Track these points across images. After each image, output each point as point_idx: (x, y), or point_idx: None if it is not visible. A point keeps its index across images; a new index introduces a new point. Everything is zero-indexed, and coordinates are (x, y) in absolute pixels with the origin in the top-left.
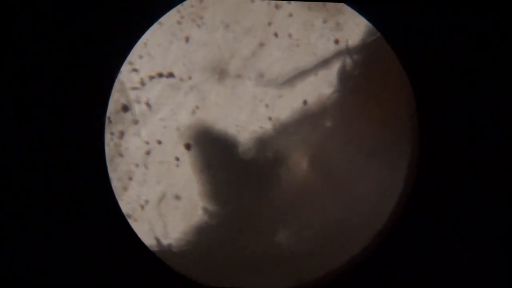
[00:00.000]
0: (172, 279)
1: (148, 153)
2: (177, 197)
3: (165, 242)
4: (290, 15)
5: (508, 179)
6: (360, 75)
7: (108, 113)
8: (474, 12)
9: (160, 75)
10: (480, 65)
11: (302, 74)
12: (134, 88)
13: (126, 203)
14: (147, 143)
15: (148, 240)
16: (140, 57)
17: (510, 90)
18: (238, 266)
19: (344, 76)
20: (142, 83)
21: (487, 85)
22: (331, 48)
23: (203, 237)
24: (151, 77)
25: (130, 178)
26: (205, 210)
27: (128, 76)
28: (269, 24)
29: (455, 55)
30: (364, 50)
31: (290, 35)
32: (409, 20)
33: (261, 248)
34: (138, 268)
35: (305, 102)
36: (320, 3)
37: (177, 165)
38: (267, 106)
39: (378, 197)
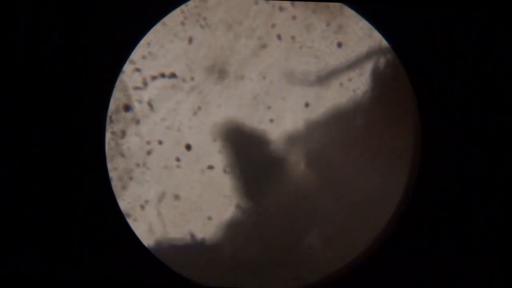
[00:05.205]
0: (170, 279)
1: (149, 153)
2: (177, 197)
3: (164, 242)
4: (294, 17)
5: (510, 190)
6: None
7: (109, 112)
8: (476, 12)
9: (163, 75)
10: (485, 68)
11: (335, 73)
12: (136, 88)
13: (126, 203)
14: (148, 143)
15: (147, 240)
16: (143, 57)
17: None
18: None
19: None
20: (144, 83)
21: (492, 91)
22: (334, 51)
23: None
24: (154, 77)
25: (131, 178)
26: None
27: (130, 75)
28: (272, 26)
29: (458, 57)
30: (368, 57)
31: (293, 38)
32: (410, 21)
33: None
34: (136, 268)
35: (306, 105)
36: (324, 6)
37: (178, 166)
38: (269, 107)
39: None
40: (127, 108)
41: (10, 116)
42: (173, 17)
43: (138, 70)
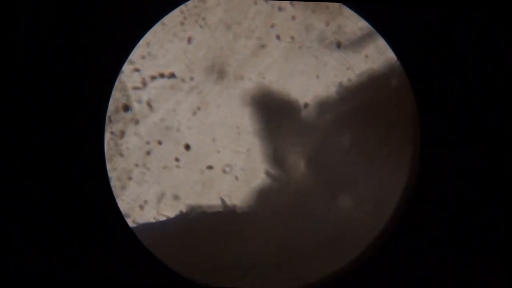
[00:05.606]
0: (170, 279)
1: (148, 153)
2: (176, 198)
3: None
4: (293, 17)
5: (510, 190)
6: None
7: (108, 113)
8: (476, 12)
9: (162, 75)
10: (485, 68)
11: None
12: (136, 88)
13: (125, 203)
14: (148, 143)
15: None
16: (142, 57)
17: None
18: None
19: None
20: (144, 83)
21: (492, 91)
22: (333, 51)
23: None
24: (153, 77)
25: (130, 178)
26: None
27: (129, 75)
28: (272, 26)
29: (458, 57)
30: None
31: (292, 38)
32: (410, 21)
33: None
34: (136, 268)
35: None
36: (324, 6)
37: (177, 166)
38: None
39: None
40: (126, 108)
41: (10, 116)
42: (173, 17)
43: (137, 70)
